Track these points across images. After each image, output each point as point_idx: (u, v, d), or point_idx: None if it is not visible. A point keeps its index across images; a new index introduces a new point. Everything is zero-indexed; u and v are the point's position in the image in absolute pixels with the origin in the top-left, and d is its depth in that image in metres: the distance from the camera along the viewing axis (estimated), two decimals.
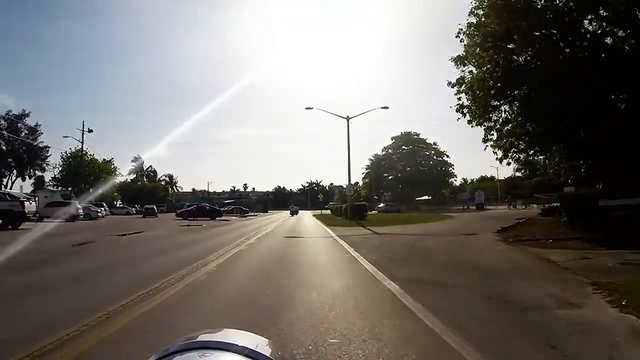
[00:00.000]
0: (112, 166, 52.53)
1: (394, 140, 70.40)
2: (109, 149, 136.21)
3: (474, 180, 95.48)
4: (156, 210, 47.01)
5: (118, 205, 64.03)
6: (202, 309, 5.47)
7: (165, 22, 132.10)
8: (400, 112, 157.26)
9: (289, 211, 65.56)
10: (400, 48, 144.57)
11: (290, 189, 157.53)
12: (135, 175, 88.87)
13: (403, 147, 69.95)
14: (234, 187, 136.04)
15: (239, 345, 0.66)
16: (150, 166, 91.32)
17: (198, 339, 0.69)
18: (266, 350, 0.68)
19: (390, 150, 70.36)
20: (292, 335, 4.10)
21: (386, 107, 31.74)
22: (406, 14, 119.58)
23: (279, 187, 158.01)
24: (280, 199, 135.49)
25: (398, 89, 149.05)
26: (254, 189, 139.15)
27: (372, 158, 72.41)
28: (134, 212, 54.91)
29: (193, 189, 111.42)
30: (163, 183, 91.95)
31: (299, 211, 67.96)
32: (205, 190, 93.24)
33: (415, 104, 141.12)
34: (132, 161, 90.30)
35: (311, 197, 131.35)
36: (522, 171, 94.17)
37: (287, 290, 6.48)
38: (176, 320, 4.89)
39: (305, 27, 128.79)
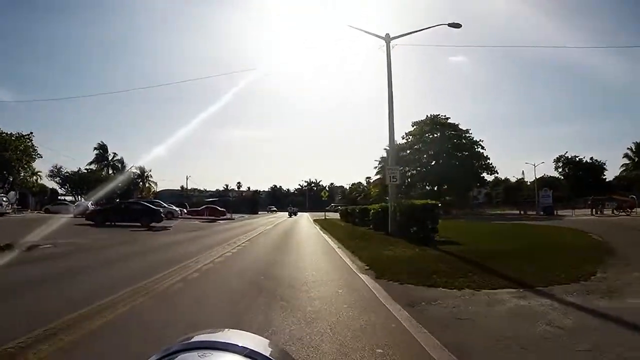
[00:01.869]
0: (29, 143, 36.88)
1: (416, 126, 55.14)
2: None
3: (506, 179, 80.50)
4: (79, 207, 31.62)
5: (63, 199, 49.02)
6: None
7: (163, 21, 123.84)
8: (401, 113, 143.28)
9: (287, 212, 61.69)
10: (403, 47, 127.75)
11: (288, 189, 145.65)
12: (97, 166, 73.56)
13: (429, 134, 54.59)
14: (227, 186, 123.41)
15: (239, 345, 0.65)
16: (116, 154, 75.94)
17: (198, 339, 0.69)
18: (266, 351, 0.67)
19: (411, 139, 55.01)
20: None
21: (457, 25, 16.99)
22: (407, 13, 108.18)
23: (275, 186, 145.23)
24: (276, 199, 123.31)
25: (399, 89, 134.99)
26: (249, 188, 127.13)
27: (388, 148, 57.55)
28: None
29: (182, 187, 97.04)
30: (132, 176, 76.40)
31: (298, 213, 62.16)
32: (183, 187, 77.74)
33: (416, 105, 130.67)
34: (96, 149, 75.11)
35: (309, 197, 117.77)
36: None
37: None
38: None
39: (305, 26, 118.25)
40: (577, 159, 73.18)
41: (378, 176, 64.22)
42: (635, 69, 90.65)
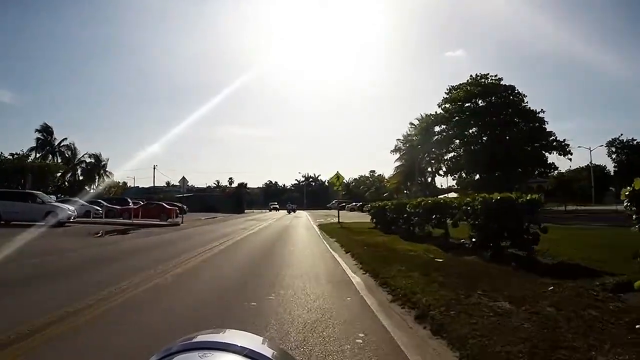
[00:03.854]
0: None
1: (454, 92, 39.81)
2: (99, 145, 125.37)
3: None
4: None
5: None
6: None
7: (161, 19, 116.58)
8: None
9: (285, 210, 57.87)
10: (401, 48, 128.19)
11: (284, 185, 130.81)
12: (40, 153, 58.10)
13: (473, 101, 39.25)
14: (218, 182, 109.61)
15: (239, 345, 0.65)
16: (66, 139, 60.47)
17: (198, 339, 0.68)
18: (266, 351, 0.66)
19: (448, 106, 39.62)
20: None
21: None
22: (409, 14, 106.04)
23: (270, 182, 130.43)
24: (271, 196, 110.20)
25: (400, 89, 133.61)
26: (245, 184, 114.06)
27: (416, 123, 42.22)
28: None
29: (167, 182, 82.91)
30: (85, 166, 61.01)
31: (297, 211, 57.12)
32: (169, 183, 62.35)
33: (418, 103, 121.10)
34: (38, 131, 59.46)
35: (307, 193, 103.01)
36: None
37: None
38: None
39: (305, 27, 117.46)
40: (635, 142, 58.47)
41: (404, 160, 48.47)
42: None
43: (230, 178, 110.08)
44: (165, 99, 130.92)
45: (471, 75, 39.81)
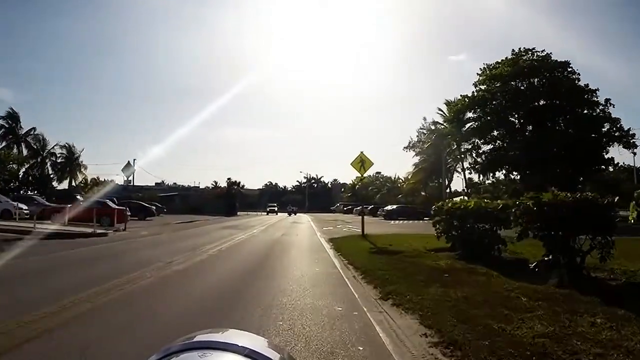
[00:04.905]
0: None
1: (490, 70, 31.96)
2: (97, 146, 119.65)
3: None
4: None
5: None
6: None
7: (161, 20, 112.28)
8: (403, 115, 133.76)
9: (286, 212, 55.71)
10: (403, 50, 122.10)
11: (284, 186, 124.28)
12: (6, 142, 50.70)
13: (521, 79, 31.23)
14: (216, 182, 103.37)
15: (239, 345, 0.64)
16: (34, 129, 53.12)
17: (198, 339, 0.68)
18: (266, 351, 0.66)
19: (484, 87, 31.68)
20: None
21: None
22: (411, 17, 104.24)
23: (270, 183, 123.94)
24: (271, 198, 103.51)
25: (402, 92, 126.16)
26: (243, 186, 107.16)
27: (445, 108, 34.07)
28: None
29: (158, 183, 76.66)
30: (55, 159, 53.58)
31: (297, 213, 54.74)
32: (130, 184, 54.48)
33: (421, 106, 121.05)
34: (2, 117, 51.94)
35: (309, 195, 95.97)
36: None
37: None
38: None
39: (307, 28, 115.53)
40: None
41: (426, 155, 40.03)
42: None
43: (229, 178, 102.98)
44: (165, 99, 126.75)
45: (513, 50, 31.95)
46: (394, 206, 35.50)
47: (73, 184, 53.90)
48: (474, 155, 32.43)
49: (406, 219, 33.49)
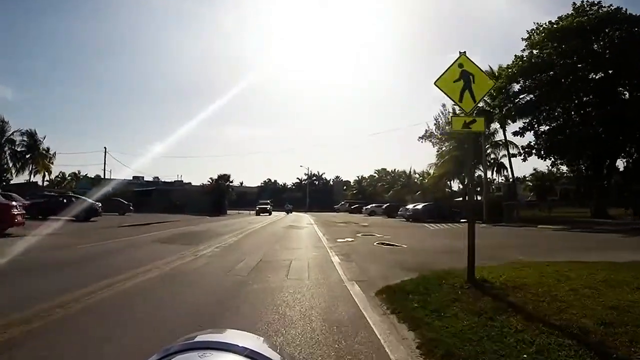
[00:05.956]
0: None
1: (539, 32, 24.34)
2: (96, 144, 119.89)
3: None
4: None
5: None
6: None
7: (162, 19, 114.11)
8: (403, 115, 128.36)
9: (284, 211, 51.53)
10: (402, 49, 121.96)
11: (284, 183, 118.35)
12: None
13: (587, 37, 23.49)
14: (212, 179, 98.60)
15: (239, 345, 0.64)
16: None
17: (198, 339, 0.67)
18: (266, 351, 0.66)
19: (536, 52, 24.02)
20: None
21: None
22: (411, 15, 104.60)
23: (269, 180, 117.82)
24: (270, 195, 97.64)
25: (402, 88, 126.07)
26: (241, 183, 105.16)
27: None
28: None
29: (148, 178, 71.16)
30: (13, 147, 46.37)
31: (294, 213, 50.71)
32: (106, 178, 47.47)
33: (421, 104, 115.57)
34: None
35: (310, 193, 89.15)
36: None
37: None
38: None
39: (307, 27, 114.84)
40: None
41: (452, 145, 31.96)
42: None
43: (227, 175, 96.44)
44: (165, 99, 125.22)
45: (574, 3, 24.28)
46: (420, 205, 26.67)
47: (35, 177, 46.90)
48: (525, 137, 24.71)
49: (441, 220, 25.38)
